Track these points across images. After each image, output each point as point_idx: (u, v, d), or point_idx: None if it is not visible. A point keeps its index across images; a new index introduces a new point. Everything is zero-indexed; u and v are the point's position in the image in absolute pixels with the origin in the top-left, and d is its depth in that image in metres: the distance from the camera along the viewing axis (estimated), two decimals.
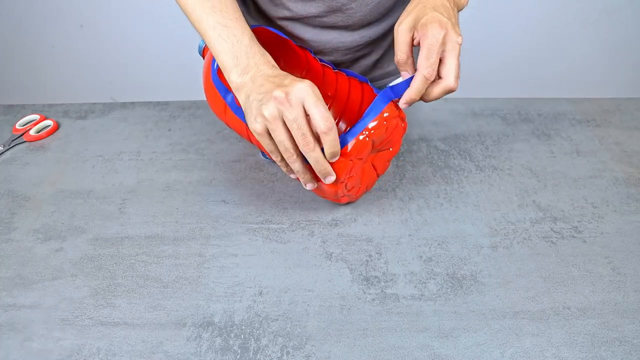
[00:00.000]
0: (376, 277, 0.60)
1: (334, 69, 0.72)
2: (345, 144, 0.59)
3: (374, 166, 0.67)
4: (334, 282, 0.60)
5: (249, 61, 0.60)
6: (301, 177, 0.61)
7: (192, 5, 0.64)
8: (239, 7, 0.65)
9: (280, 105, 0.55)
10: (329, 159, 0.58)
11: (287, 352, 0.53)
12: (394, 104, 0.61)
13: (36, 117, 0.87)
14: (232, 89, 0.61)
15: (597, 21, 1.78)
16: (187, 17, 0.65)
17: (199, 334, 0.55)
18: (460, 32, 0.59)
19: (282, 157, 0.60)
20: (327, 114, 0.55)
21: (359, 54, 0.80)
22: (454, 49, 0.58)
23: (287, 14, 0.74)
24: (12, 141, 0.81)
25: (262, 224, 0.67)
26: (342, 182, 0.62)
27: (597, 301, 0.57)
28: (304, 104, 0.55)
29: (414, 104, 0.62)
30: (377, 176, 0.69)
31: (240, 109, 0.63)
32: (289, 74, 0.58)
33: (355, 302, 0.58)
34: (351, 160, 0.60)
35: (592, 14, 1.77)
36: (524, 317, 0.56)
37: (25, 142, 0.82)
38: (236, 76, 0.60)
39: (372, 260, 0.62)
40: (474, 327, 0.55)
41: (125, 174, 0.76)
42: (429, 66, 0.58)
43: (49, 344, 0.54)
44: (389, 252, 0.63)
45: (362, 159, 0.62)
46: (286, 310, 0.57)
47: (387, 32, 0.79)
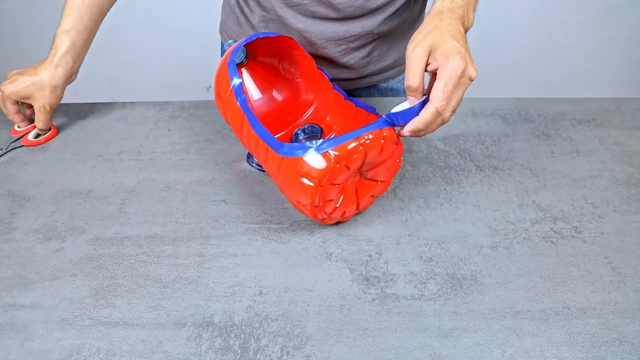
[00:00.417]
0: (376, 277, 0.60)
1: (345, 98, 0.73)
2: (339, 143, 0.57)
3: (357, 194, 0.64)
4: (334, 282, 0.60)
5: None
6: None
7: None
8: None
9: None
10: None
11: (287, 352, 0.53)
12: (394, 130, 0.60)
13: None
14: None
15: (597, 21, 1.79)
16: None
17: (199, 334, 0.55)
18: (475, 66, 0.57)
19: None
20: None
21: (353, 45, 0.81)
22: (464, 84, 0.57)
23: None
24: (10, 144, 0.81)
25: (262, 224, 0.67)
26: (317, 206, 0.60)
27: (597, 301, 0.57)
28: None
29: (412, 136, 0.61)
30: (358, 208, 0.66)
31: (241, 95, 0.63)
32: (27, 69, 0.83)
33: (355, 302, 0.58)
34: (337, 165, 0.57)
35: (592, 14, 1.77)
36: (524, 317, 0.56)
37: (22, 146, 0.81)
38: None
39: (372, 260, 0.62)
40: (474, 327, 0.55)
41: (125, 174, 0.76)
42: (443, 99, 0.56)
43: (49, 344, 0.54)
44: (389, 252, 0.63)
45: (338, 184, 0.60)
46: (286, 310, 0.57)
47: (380, 25, 0.80)
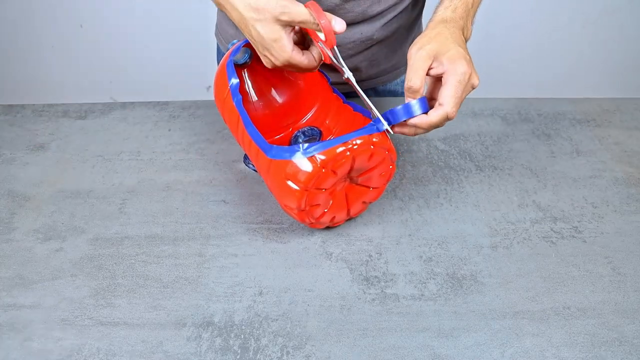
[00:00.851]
0: (376, 277, 0.60)
1: (343, 101, 0.73)
2: (327, 147, 0.56)
3: (347, 200, 0.63)
4: (334, 282, 0.60)
5: None
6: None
7: None
8: None
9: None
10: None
11: (287, 352, 0.53)
12: (386, 136, 0.59)
13: None
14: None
15: (597, 21, 1.78)
16: None
17: (199, 334, 0.55)
18: (477, 74, 0.58)
19: None
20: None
21: (351, 50, 0.81)
22: (467, 90, 0.58)
23: None
24: None
25: (262, 224, 0.67)
26: (304, 210, 0.59)
27: (597, 301, 0.57)
28: None
29: (402, 133, 0.60)
30: (348, 214, 0.65)
31: (237, 95, 0.62)
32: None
33: (355, 302, 0.58)
34: (324, 169, 0.56)
35: (592, 14, 1.77)
36: (524, 317, 0.56)
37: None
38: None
39: (372, 260, 0.62)
40: (474, 327, 0.55)
41: (125, 174, 0.76)
42: (455, 105, 0.56)
43: (49, 344, 0.54)
44: (389, 252, 0.63)
45: (325, 189, 0.59)
46: (286, 310, 0.57)
47: (379, 30, 0.80)
